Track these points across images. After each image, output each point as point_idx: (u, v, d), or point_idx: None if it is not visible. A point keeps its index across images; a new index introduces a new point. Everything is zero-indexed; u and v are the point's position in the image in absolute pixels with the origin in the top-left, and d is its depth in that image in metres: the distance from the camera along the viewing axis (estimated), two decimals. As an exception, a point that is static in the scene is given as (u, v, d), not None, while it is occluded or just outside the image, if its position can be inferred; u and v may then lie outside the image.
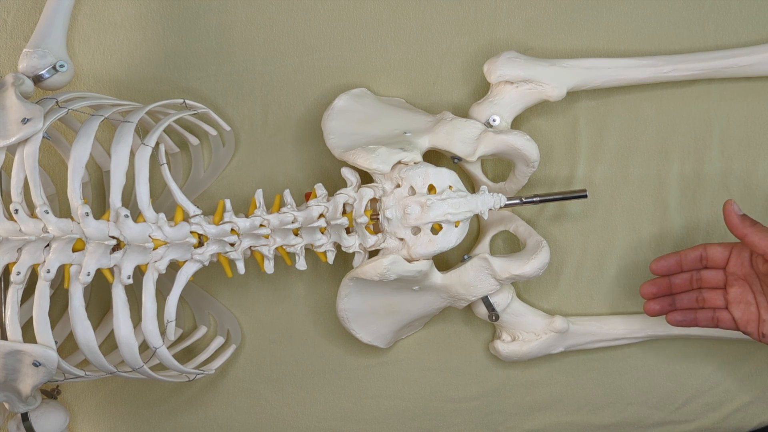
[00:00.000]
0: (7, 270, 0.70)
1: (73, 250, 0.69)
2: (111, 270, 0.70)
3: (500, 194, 0.74)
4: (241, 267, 0.74)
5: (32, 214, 0.68)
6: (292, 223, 0.73)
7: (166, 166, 0.72)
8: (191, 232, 0.71)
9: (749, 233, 0.69)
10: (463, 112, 0.80)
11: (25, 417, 0.76)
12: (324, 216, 0.74)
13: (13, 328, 0.68)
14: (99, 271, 0.70)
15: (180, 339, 0.84)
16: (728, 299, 0.73)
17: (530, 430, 0.86)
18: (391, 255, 0.72)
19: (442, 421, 0.86)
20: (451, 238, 0.72)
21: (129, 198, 0.81)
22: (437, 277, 0.76)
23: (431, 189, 0.72)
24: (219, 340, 0.84)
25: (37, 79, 0.76)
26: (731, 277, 0.73)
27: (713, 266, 0.74)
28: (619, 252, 0.84)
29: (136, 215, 0.70)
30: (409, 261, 0.73)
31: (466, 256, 0.80)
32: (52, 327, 0.72)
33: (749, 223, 0.69)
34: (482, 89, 0.82)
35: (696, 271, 0.74)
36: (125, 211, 0.68)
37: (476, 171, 0.81)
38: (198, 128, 0.81)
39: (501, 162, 0.83)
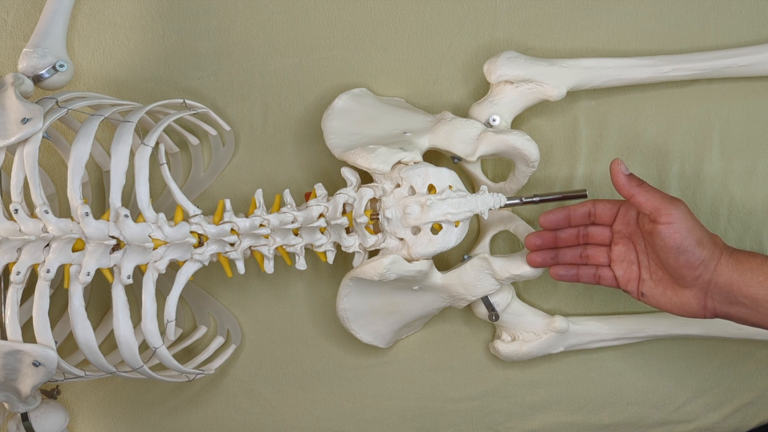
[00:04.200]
0: (7, 270, 0.70)
1: (73, 250, 0.69)
2: (111, 270, 0.70)
3: (500, 194, 0.74)
4: (241, 267, 0.74)
5: (32, 214, 0.68)
6: (292, 223, 0.73)
7: (166, 166, 0.72)
8: (191, 232, 0.71)
9: (636, 193, 0.68)
10: (463, 112, 0.80)
11: (24, 417, 0.76)
12: (324, 216, 0.74)
13: (12, 328, 0.68)
14: (99, 271, 0.70)
15: (180, 339, 0.84)
16: (611, 257, 0.73)
17: (530, 430, 0.86)
18: (391, 255, 0.72)
19: (442, 421, 0.86)
20: (451, 238, 0.72)
21: (129, 198, 0.81)
22: (437, 277, 0.76)
23: (431, 189, 0.72)
24: (219, 340, 0.84)
25: (37, 79, 0.76)
26: (617, 235, 0.73)
27: (600, 223, 0.74)
28: (619, 252, 0.84)
29: (136, 215, 0.70)
30: (409, 261, 0.73)
31: (466, 256, 0.80)
32: (52, 327, 0.72)
33: (636, 183, 0.69)
34: (482, 89, 0.82)
35: (583, 226, 0.75)
36: (125, 211, 0.68)
37: (476, 171, 0.81)
38: (198, 128, 0.81)
39: (501, 162, 0.83)
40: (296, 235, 0.75)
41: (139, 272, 0.75)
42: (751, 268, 0.66)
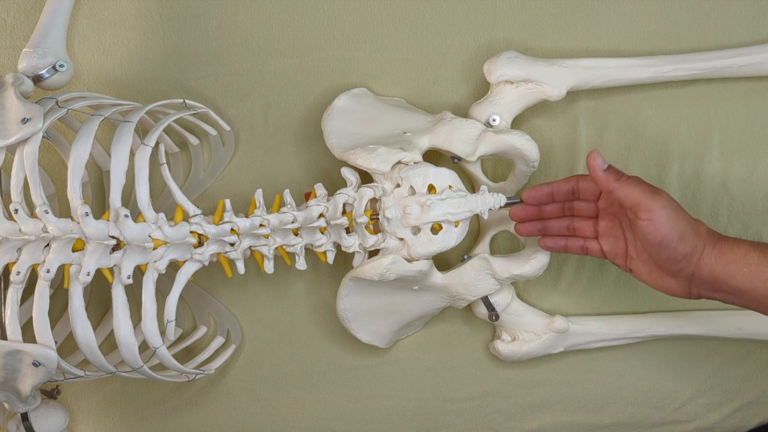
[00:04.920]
0: (7, 270, 0.70)
1: (73, 250, 0.69)
2: (111, 270, 0.70)
3: (500, 194, 0.74)
4: (241, 267, 0.74)
5: (32, 214, 0.68)
6: (292, 222, 0.73)
7: (166, 166, 0.72)
8: (191, 232, 0.71)
9: (615, 188, 0.67)
10: (463, 112, 0.80)
11: (24, 417, 0.76)
12: (324, 216, 0.74)
13: (12, 328, 0.68)
14: (99, 271, 0.70)
15: (180, 339, 0.84)
16: (598, 231, 0.72)
17: (530, 430, 0.86)
18: (391, 255, 0.72)
19: (442, 421, 0.86)
20: (451, 238, 0.72)
21: (129, 198, 0.81)
22: (437, 277, 0.76)
23: (431, 189, 0.72)
24: (219, 340, 0.84)
25: (37, 79, 0.76)
26: (602, 211, 0.72)
27: (585, 199, 0.73)
28: (619, 252, 0.84)
29: (136, 215, 0.70)
30: (409, 261, 0.73)
31: (466, 256, 0.80)
32: (52, 327, 0.72)
33: (614, 177, 0.67)
34: (482, 89, 0.82)
35: (568, 201, 0.74)
36: (125, 211, 0.68)
37: (476, 171, 0.81)
38: (198, 128, 0.81)
39: (501, 162, 0.83)
40: (296, 235, 0.75)
41: (139, 272, 0.75)
42: (735, 260, 0.66)
